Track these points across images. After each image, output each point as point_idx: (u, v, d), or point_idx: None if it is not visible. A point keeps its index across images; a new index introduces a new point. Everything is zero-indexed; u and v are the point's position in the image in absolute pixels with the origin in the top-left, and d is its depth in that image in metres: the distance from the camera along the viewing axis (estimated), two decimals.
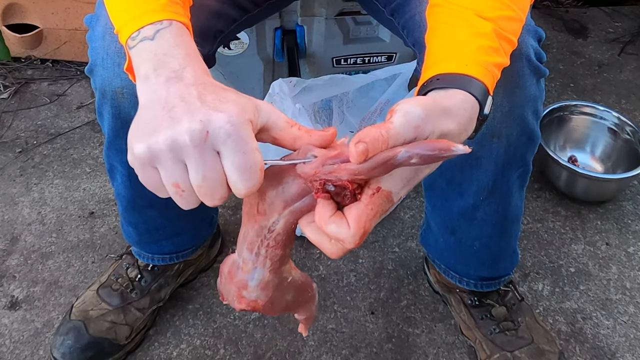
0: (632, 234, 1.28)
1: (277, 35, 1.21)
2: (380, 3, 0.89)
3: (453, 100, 0.51)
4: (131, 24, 0.53)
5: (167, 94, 0.47)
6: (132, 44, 0.52)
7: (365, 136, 0.43)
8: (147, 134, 0.45)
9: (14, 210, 1.29)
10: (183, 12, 0.55)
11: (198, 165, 0.44)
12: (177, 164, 0.45)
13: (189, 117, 0.44)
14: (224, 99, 0.46)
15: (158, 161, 0.45)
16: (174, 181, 0.46)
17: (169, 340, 1.07)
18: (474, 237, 0.93)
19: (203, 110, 0.45)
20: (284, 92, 1.10)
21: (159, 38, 0.51)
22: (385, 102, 1.25)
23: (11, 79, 1.62)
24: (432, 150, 0.42)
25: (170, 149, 0.44)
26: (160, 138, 0.45)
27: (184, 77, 0.48)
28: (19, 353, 1.04)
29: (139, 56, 0.51)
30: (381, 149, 0.43)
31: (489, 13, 0.57)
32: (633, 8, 1.99)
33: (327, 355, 1.06)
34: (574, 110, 1.42)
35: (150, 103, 0.47)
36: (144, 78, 0.49)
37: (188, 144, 0.44)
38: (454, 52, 0.55)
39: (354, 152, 0.42)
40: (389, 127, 0.44)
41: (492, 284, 1.02)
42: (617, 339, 1.09)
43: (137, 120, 0.48)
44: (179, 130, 0.44)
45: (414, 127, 0.45)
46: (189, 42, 0.53)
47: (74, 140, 1.46)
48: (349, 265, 1.20)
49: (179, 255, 1.06)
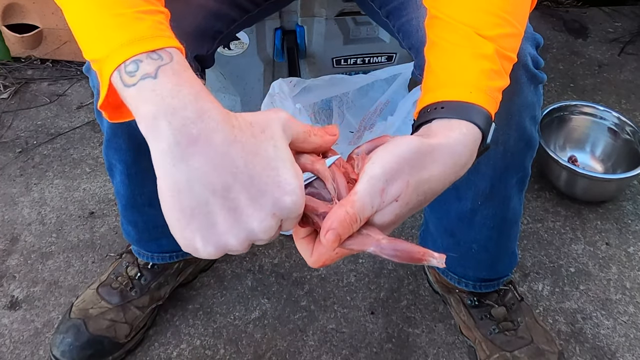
0: (632, 234, 1.28)
1: (277, 35, 1.21)
2: (376, 4, 0.89)
3: (453, 134, 0.50)
4: (117, 55, 0.44)
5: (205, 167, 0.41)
6: (130, 81, 0.44)
7: (332, 222, 0.45)
8: (212, 233, 0.43)
9: (14, 210, 1.29)
10: (170, 31, 0.48)
11: (267, 240, 0.45)
12: (247, 249, 0.45)
13: (257, 209, 0.43)
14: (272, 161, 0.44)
15: (229, 252, 0.45)
16: (237, 253, 0.46)
17: (169, 340, 1.07)
18: (472, 239, 0.93)
19: (268, 197, 0.43)
20: (284, 92, 1.10)
21: (162, 75, 0.44)
22: (385, 102, 1.25)
23: (11, 79, 1.62)
24: (400, 259, 0.46)
25: (243, 245, 0.44)
26: (232, 239, 0.43)
27: (209, 133, 0.42)
28: (19, 353, 1.04)
29: (140, 97, 0.43)
30: (351, 227, 0.45)
31: (490, 31, 0.55)
32: (633, 8, 1.99)
33: (327, 355, 1.06)
34: (574, 110, 1.42)
35: (187, 181, 0.41)
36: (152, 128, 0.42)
37: (263, 239, 0.44)
38: (457, 76, 0.54)
39: (325, 243, 0.45)
40: (353, 202, 0.45)
41: (491, 285, 1.02)
42: (617, 339, 1.09)
43: (179, 204, 0.42)
44: (251, 228, 0.43)
45: (379, 191, 0.46)
46: (193, 76, 0.46)
47: (74, 140, 1.46)
48: (349, 265, 1.20)
49: (178, 254, 1.06)
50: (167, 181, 0.42)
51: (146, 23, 0.46)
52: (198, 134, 0.42)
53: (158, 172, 0.43)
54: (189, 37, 0.76)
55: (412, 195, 0.48)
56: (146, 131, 0.43)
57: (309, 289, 1.16)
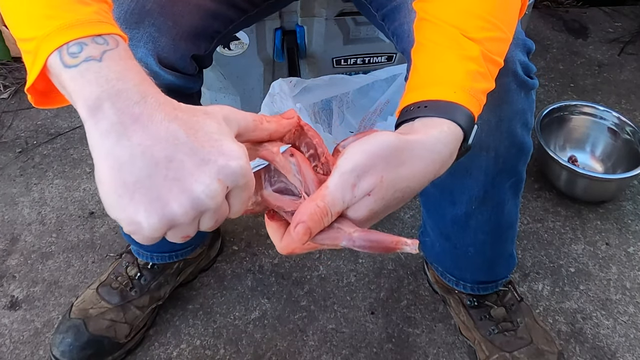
0: (632, 234, 1.28)
1: (277, 35, 1.21)
2: (373, 7, 0.89)
3: (433, 132, 0.50)
4: (63, 34, 0.43)
5: (147, 141, 0.41)
6: (72, 62, 0.43)
7: (302, 215, 0.44)
8: (155, 204, 0.41)
9: (14, 210, 1.29)
10: (114, 22, 0.47)
11: (214, 215, 0.43)
12: (194, 222, 0.43)
13: (201, 173, 0.41)
14: (214, 134, 0.43)
15: (174, 227, 0.42)
16: (184, 235, 0.43)
17: (169, 340, 1.07)
18: (468, 243, 0.93)
19: (212, 164, 0.42)
20: (284, 92, 1.10)
21: (108, 59, 0.43)
22: (385, 102, 1.25)
23: (11, 79, 1.62)
24: (373, 249, 0.45)
25: (188, 215, 0.41)
26: (175, 208, 0.41)
27: (152, 112, 0.42)
28: (19, 353, 1.05)
29: (82, 79, 0.42)
30: (322, 220, 0.45)
31: (477, 34, 0.55)
32: (633, 8, 1.99)
33: (327, 355, 1.06)
34: (574, 110, 1.42)
35: (129, 157, 0.41)
36: (94, 110, 0.42)
37: (209, 205, 0.42)
38: (441, 76, 0.54)
39: (295, 237, 0.44)
40: (323, 196, 0.45)
41: (489, 287, 1.02)
42: (617, 339, 1.09)
43: (121, 181, 0.41)
44: (196, 194, 0.41)
45: (350, 186, 0.46)
46: (136, 63, 0.45)
47: (74, 140, 1.46)
48: (349, 265, 1.20)
49: (178, 254, 1.07)
50: (107, 160, 0.41)
51: (92, 8, 0.46)
52: (140, 112, 0.42)
53: (96, 153, 0.42)
54: (187, 36, 0.76)
55: (387, 191, 0.47)
56: (86, 113, 0.42)
57: (309, 289, 1.16)
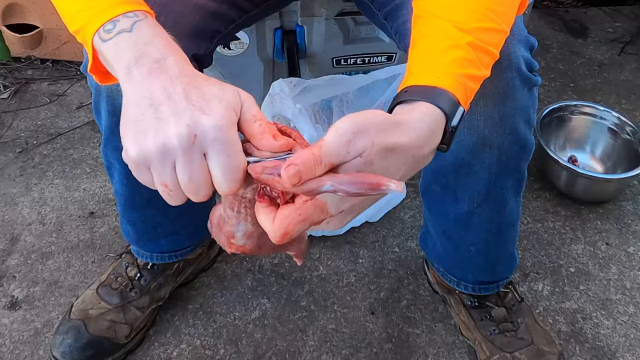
0: (632, 234, 1.28)
1: (277, 35, 1.21)
2: (375, 6, 0.89)
3: (414, 113, 0.51)
4: (98, 17, 0.52)
5: (152, 87, 0.48)
6: (107, 36, 0.51)
7: (296, 158, 0.44)
8: (138, 135, 0.47)
9: (14, 210, 1.29)
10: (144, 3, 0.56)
11: (185, 166, 0.47)
12: (166, 166, 0.47)
13: (176, 120, 0.46)
14: (208, 95, 0.48)
15: (150, 163, 0.47)
16: (162, 181, 0.48)
17: (169, 340, 1.07)
18: (470, 242, 0.93)
19: (189, 113, 0.46)
20: (284, 92, 1.10)
21: (138, 29, 0.51)
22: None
23: (11, 79, 1.62)
24: (358, 187, 0.44)
25: (160, 152, 0.46)
26: (150, 142, 0.46)
27: (167, 68, 0.49)
28: (19, 353, 1.04)
29: (117, 47, 0.51)
30: (314, 168, 0.45)
31: (468, 25, 0.56)
32: (633, 8, 1.99)
33: (327, 355, 1.06)
34: (574, 110, 1.42)
35: (136, 98, 0.48)
36: (126, 70, 0.49)
37: (177, 148, 0.46)
38: (427, 65, 0.56)
39: (285, 177, 0.44)
40: (320, 145, 0.45)
41: (491, 287, 1.02)
42: (617, 339, 1.09)
43: (126, 117, 0.48)
44: (167, 134, 0.46)
45: (346, 142, 0.46)
46: (165, 33, 0.53)
47: (74, 140, 1.46)
48: (349, 265, 1.20)
49: (177, 254, 1.06)
50: (124, 101, 0.49)
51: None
52: (157, 68, 0.49)
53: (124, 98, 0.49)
54: (187, 36, 0.76)
55: (376, 156, 0.47)
56: (123, 75, 0.49)
57: (309, 289, 1.16)
